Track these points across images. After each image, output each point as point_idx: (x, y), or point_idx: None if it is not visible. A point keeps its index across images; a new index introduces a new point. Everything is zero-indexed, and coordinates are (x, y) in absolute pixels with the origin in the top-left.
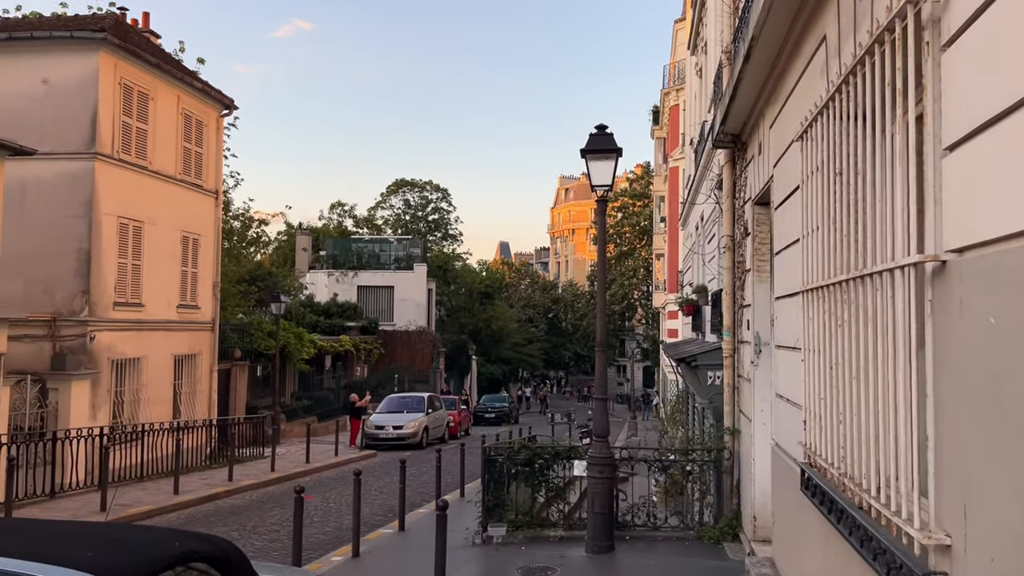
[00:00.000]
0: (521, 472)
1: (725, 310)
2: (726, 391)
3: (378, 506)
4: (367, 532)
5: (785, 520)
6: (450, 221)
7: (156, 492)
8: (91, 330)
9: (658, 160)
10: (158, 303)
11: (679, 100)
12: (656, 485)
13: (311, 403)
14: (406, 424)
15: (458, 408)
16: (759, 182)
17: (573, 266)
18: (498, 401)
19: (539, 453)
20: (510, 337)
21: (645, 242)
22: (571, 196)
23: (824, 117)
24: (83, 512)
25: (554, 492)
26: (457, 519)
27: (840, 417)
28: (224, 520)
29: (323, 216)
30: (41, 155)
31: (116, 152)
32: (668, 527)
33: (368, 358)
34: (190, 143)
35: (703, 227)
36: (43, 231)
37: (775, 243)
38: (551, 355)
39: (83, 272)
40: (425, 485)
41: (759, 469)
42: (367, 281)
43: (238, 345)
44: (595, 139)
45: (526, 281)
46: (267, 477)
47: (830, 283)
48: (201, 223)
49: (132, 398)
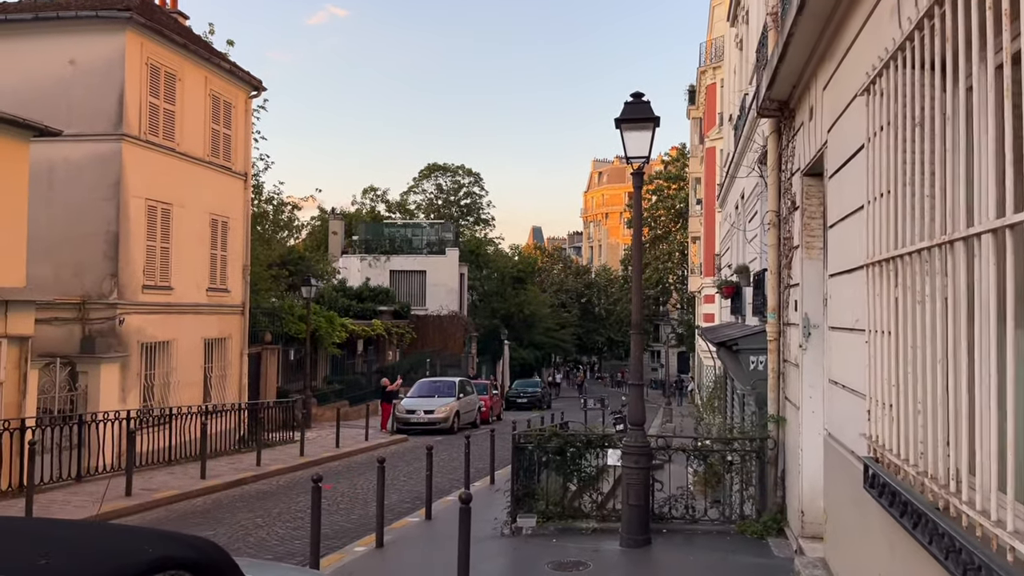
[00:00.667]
0: (552, 461)
1: (769, 291)
2: (770, 377)
3: (406, 492)
4: (393, 520)
5: (841, 518)
6: (482, 206)
7: (183, 476)
8: (120, 313)
9: (694, 141)
10: (187, 286)
11: (716, 78)
12: (693, 475)
13: (343, 387)
14: (437, 409)
15: (489, 393)
16: (809, 151)
17: (606, 251)
18: (530, 386)
19: (571, 441)
20: (542, 322)
21: (680, 225)
22: (604, 180)
23: (896, 65)
24: (110, 496)
25: (586, 482)
26: (486, 508)
27: (919, 407)
28: (249, 506)
29: (356, 201)
30: (69, 137)
31: (143, 133)
32: (707, 520)
33: (400, 342)
34: (218, 125)
35: (743, 205)
36: (72, 213)
37: (829, 215)
38: (584, 340)
39: (111, 255)
40: (455, 471)
41: (807, 461)
42: (399, 266)
43: (268, 329)
44: (631, 108)
45: (559, 266)
46: (296, 462)
47: (905, 252)
48: (230, 206)
49: (162, 381)
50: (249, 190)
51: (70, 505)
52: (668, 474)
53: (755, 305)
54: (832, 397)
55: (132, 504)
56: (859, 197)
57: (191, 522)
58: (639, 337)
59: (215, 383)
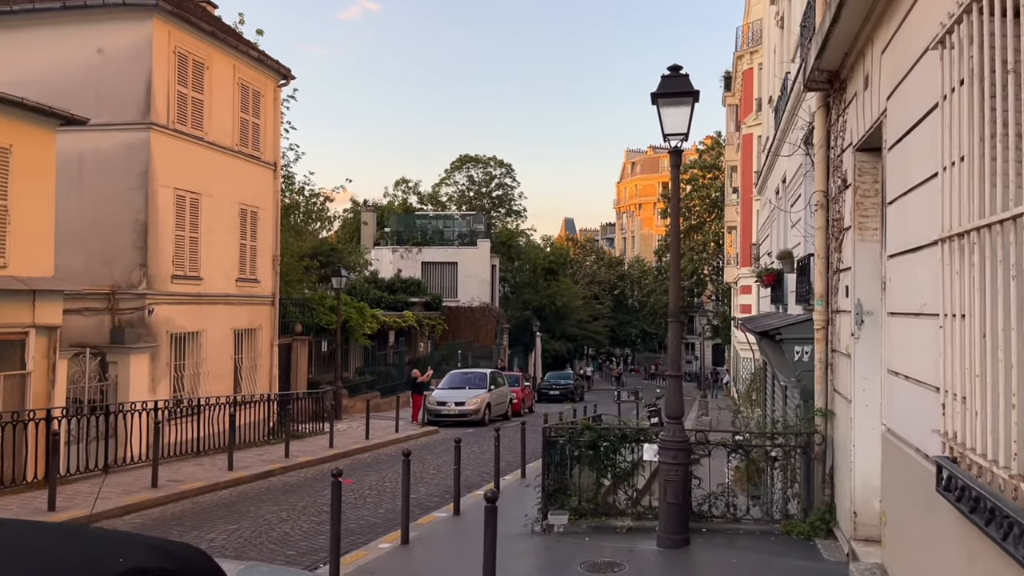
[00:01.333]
0: (584, 455)
1: (816, 276)
2: (817, 368)
3: (435, 486)
4: (420, 515)
5: (905, 523)
6: (514, 197)
7: (211, 468)
8: (149, 303)
9: (730, 129)
10: (217, 277)
11: (753, 63)
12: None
13: (374, 378)
14: (468, 400)
15: (521, 385)
16: (864, 123)
17: (640, 242)
18: (563, 378)
19: (604, 435)
20: (575, 314)
21: (715, 216)
22: (637, 170)
23: (979, 7)
24: (134, 487)
25: (621, 478)
26: (516, 503)
27: (1012, 401)
28: (275, 499)
29: (388, 193)
30: (97, 126)
31: (171, 122)
32: (749, 519)
33: (432, 334)
34: (247, 114)
35: (785, 190)
36: (101, 203)
37: (888, 190)
38: (617, 332)
39: (140, 244)
40: (486, 464)
41: (861, 458)
42: (431, 257)
43: (299, 320)
44: (668, 82)
45: (591, 257)
46: (324, 454)
47: (995, 221)
48: (259, 195)
49: (192, 372)
50: (279, 180)
51: (92, 497)
52: (708, 470)
53: (799, 293)
54: (892, 390)
55: (158, 496)
56: (929, 165)
57: (215, 515)
58: (677, 325)
59: (245, 374)
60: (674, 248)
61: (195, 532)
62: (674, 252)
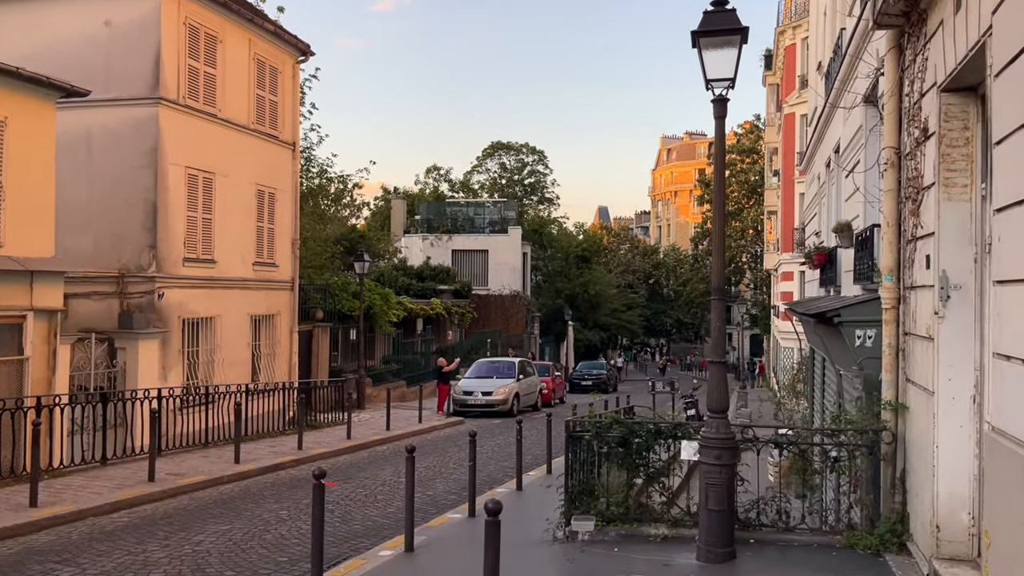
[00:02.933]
0: (614, 453)
1: (884, 248)
2: (885, 355)
3: (454, 482)
4: (433, 516)
5: (1021, 548)
6: (546, 184)
7: (217, 460)
8: (159, 287)
9: (770, 109)
10: (232, 260)
11: (796, 38)
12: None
13: (400, 367)
14: (495, 390)
15: (551, 375)
16: (954, 55)
17: (675, 230)
18: (595, 368)
19: (636, 430)
20: (608, 303)
21: (754, 202)
22: (673, 157)
23: None
24: (129, 482)
25: (655, 478)
26: (538, 504)
27: None
28: (279, 495)
29: (419, 180)
30: (105, 101)
31: (182, 97)
32: (805, 529)
33: (460, 322)
34: (263, 91)
35: (839, 160)
36: (110, 182)
37: (996, 128)
38: (651, 322)
39: (150, 226)
40: (510, 458)
41: (945, 461)
42: (461, 245)
43: (321, 306)
44: (711, 18)
45: (626, 246)
46: (341, 445)
47: None
48: (277, 176)
49: (206, 359)
50: (298, 160)
51: (85, 491)
52: (756, 471)
53: (858, 270)
54: (1003, 378)
55: (153, 491)
56: None
57: (210, 513)
58: (721, 305)
59: (263, 362)
60: (719, 213)
61: (183, 533)
62: (719, 215)
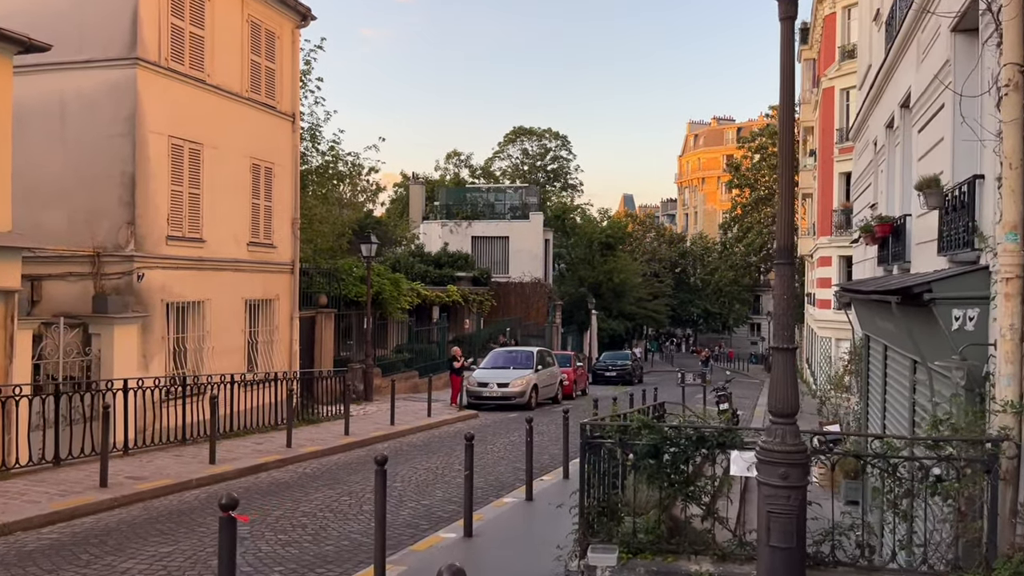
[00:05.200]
0: (643, 465)
1: (1006, 197)
2: (1002, 341)
3: (457, 488)
4: (424, 533)
5: None
6: (570, 170)
7: (191, 461)
8: (138, 267)
9: (805, 86)
10: (223, 239)
11: (836, 7)
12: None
13: (412, 356)
14: (512, 382)
15: (573, 365)
16: None
17: (703, 217)
18: (619, 359)
19: (671, 437)
20: (633, 292)
21: None
22: (700, 143)
23: None
24: (78, 488)
25: (696, 496)
26: (550, 520)
27: None
28: (249, 503)
29: (439, 166)
30: (79, 63)
31: (164, 59)
32: (895, 569)
33: (479, 310)
34: (259, 56)
35: (906, 119)
36: (85, 153)
37: None
38: (678, 312)
39: (128, 200)
40: (524, 457)
41: None
42: (481, 231)
43: (325, 291)
44: None
45: (651, 234)
46: (335, 443)
47: None
48: (275, 150)
49: (195, 347)
50: (298, 133)
51: (21, 499)
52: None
53: (947, 237)
54: None
55: (103, 499)
56: None
57: (157, 529)
58: (788, 271)
59: (261, 349)
60: (785, 155)
61: (111, 557)
62: (785, 157)
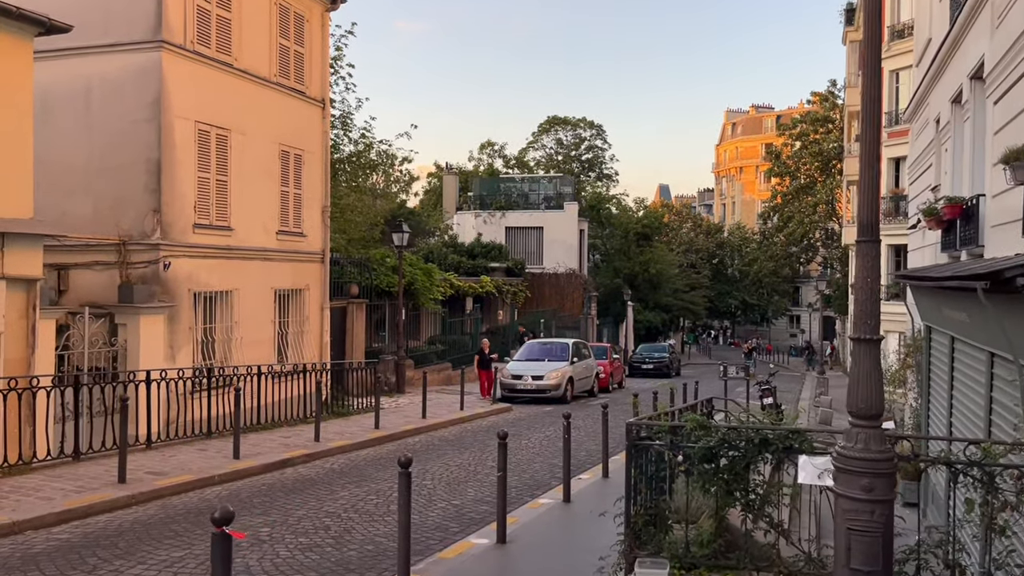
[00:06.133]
0: (700, 471)
1: None
2: None
3: (490, 486)
4: (454, 538)
5: None
6: (605, 160)
7: (214, 455)
8: (164, 256)
9: (851, 70)
10: (252, 228)
11: None
12: None
13: (445, 348)
14: (547, 374)
15: (609, 357)
16: None
17: (740, 208)
18: (657, 351)
19: (730, 440)
20: (670, 283)
21: (826, 177)
22: (738, 131)
23: None
24: (95, 483)
25: (757, 507)
26: (590, 524)
27: None
28: (271, 502)
29: (472, 157)
30: (104, 47)
31: (189, 42)
32: None
33: (513, 301)
34: (288, 40)
35: (983, 86)
36: (110, 139)
37: None
38: (715, 303)
39: (153, 187)
40: (559, 453)
41: None
42: (515, 222)
43: (356, 281)
44: None
45: (688, 224)
46: (365, 437)
47: None
48: (305, 136)
49: (223, 338)
50: (328, 120)
51: (35, 496)
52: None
53: None
54: None
55: (119, 496)
56: None
57: (170, 531)
58: (872, 250)
59: (291, 340)
60: (869, 107)
61: (120, 562)
62: (869, 112)
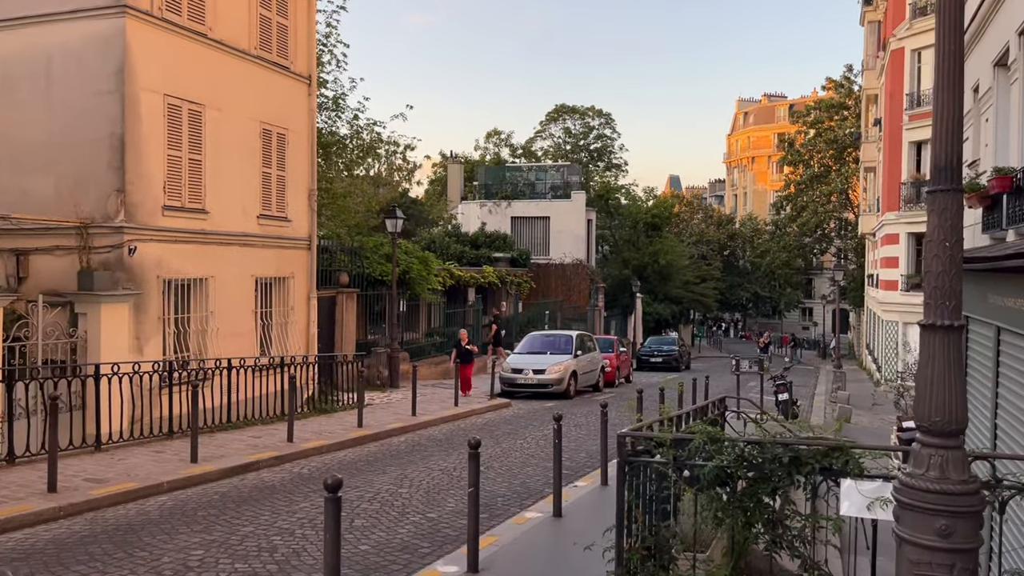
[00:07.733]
0: (712, 496)
1: None
2: None
3: (482, 492)
4: (417, 568)
5: None
6: (614, 149)
7: (171, 458)
8: (130, 239)
9: (869, 52)
10: (230, 211)
11: None
12: None
13: (444, 340)
14: (549, 368)
15: (616, 351)
16: None
17: (752, 198)
18: (666, 344)
19: (751, 458)
20: (680, 274)
21: (840, 165)
22: (750, 121)
23: None
24: (21, 492)
25: (787, 542)
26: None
27: None
28: (215, 517)
29: (478, 146)
30: (65, 14)
31: (157, 9)
32: None
33: (517, 292)
34: (269, 11)
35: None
36: (72, 114)
37: None
38: (726, 296)
39: (117, 164)
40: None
41: None
42: (521, 212)
43: (347, 269)
44: None
45: (699, 215)
46: (344, 437)
47: None
48: (289, 114)
49: (198, 328)
50: (315, 97)
51: None
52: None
53: None
54: None
55: (43, 508)
56: None
57: (85, 552)
58: (951, 201)
59: (275, 332)
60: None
61: None
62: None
